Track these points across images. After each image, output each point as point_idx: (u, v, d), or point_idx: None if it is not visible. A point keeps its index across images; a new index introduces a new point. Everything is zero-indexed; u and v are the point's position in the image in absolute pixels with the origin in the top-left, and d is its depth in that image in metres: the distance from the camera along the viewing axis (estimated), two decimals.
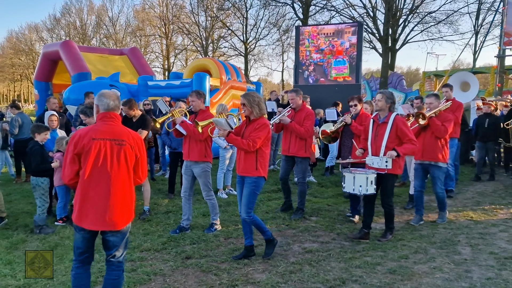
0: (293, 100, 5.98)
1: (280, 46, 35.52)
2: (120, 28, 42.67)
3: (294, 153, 6.01)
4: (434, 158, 5.61)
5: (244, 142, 4.27)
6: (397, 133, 4.84)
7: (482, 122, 9.00)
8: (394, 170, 4.86)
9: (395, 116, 4.89)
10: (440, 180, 5.71)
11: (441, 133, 5.53)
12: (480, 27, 25.13)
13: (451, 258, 4.49)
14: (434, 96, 5.78)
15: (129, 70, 16.94)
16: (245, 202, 4.35)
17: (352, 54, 11.25)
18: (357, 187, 4.83)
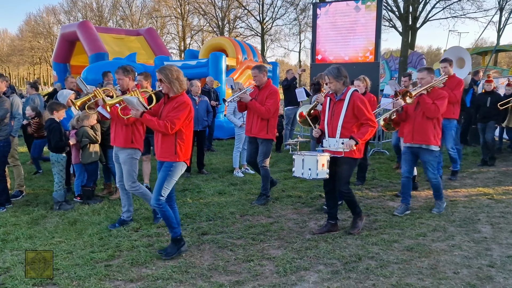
0: (256, 77, 5.52)
1: (297, 25, 35.14)
2: (136, 9, 42.71)
3: (256, 134, 5.56)
4: (425, 140, 5.02)
5: (161, 124, 3.75)
6: (354, 111, 4.29)
7: (484, 101, 8.23)
8: (351, 154, 4.31)
9: (352, 92, 4.33)
10: (432, 165, 5.12)
11: (432, 112, 4.92)
12: (505, 3, 24.20)
13: (471, 236, 4.41)
14: (426, 70, 5.12)
15: (145, 51, 16.94)
16: (157, 187, 3.84)
17: (371, 32, 10.97)
18: (306, 171, 4.35)
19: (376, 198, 5.91)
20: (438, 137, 5.06)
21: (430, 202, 5.66)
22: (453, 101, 6.41)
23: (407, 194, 5.25)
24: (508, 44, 23.39)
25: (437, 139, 5.03)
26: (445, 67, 6.54)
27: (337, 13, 11.31)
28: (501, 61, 33.87)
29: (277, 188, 6.37)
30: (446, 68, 6.52)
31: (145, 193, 4.70)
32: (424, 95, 4.97)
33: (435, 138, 5.02)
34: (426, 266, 3.68)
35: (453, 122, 6.65)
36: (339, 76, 4.30)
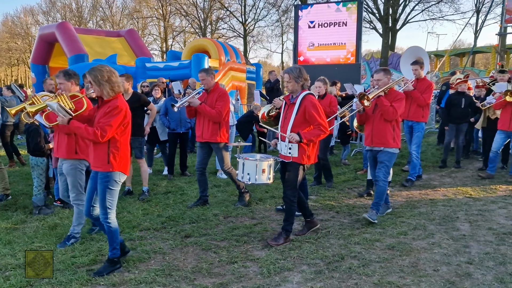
0: (204, 80, 5.34)
1: (279, 27, 35.28)
2: (116, 10, 42.17)
3: (208, 138, 5.37)
4: (384, 143, 4.85)
5: (90, 131, 3.39)
6: (305, 115, 4.09)
7: (458, 102, 7.98)
8: (299, 159, 4.13)
9: (304, 96, 4.13)
10: (386, 166, 4.89)
11: (390, 114, 4.76)
12: (482, 6, 24.82)
13: (450, 234, 4.51)
14: (383, 72, 4.93)
15: (126, 52, 16.78)
16: (101, 202, 3.55)
17: (352, 34, 11.10)
18: (245, 175, 4.32)
19: (358, 198, 5.98)
20: (398, 139, 4.90)
21: (410, 201, 5.77)
22: (422, 104, 6.46)
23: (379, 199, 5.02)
24: (485, 45, 24.01)
25: (396, 141, 4.88)
26: (415, 70, 6.49)
27: (318, 15, 11.42)
28: (478, 62, 34.66)
29: (261, 189, 6.39)
30: (417, 71, 6.50)
31: (81, 213, 4.23)
32: (382, 97, 4.84)
33: (395, 140, 4.87)
34: (407, 264, 3.75)
35: (421, 125, 6.61)
36: (299, 77, 4.14)
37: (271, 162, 4.31)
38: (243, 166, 4.37)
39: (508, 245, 4.18)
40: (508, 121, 6.82)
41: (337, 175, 7.25)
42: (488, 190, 6.32)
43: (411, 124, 6.67)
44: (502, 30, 11.87)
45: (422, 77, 6.54)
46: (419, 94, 6.44)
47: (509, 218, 5.01)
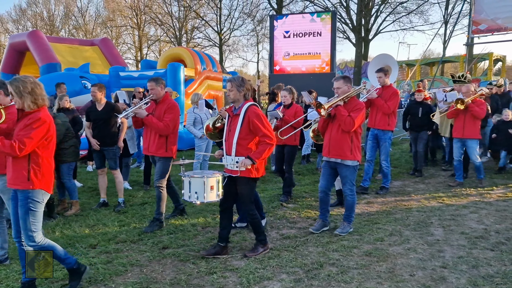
0: (153, 90, 5.01)
1: (254, 36, 35.52)
2: (90, 18, 41.51)
3: (153, 152, 5.03)
4: (340, 155, 4.62)
5: (6, 144, 3.10)
6: (250, 127, 3.96)
7: (416, 111, 8.07)
8: (248, 173, 4.00)
9: (248, 107, 3.98)
10: (350, 180, 4.73)
11: (347, 125, 4.51)
12: (449, 17, 25.71)
13: (425, 239, 4.61)
14: (342, 79, 4.69)
15: (100, 61, 16.55)
16: (23, 226, 3.23)
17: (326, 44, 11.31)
18: (192, 194, 4.00)
19: (335, 205, 6.04)
20: (356, 151, 4.66)
21: (385, 207, 5.87)
22: (387, 112, 6.37)
23: (325, 210, 4.92)
24: (453, 55, 24.81)
25: (355, 154, 4.64)
26: (380, 77, 6.42)
27: (293, 25, 11.58)
28: (447, 71, 35.78)
29: None
30: (381, 78, 6.42)
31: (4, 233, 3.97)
32: (340, 107, 4.59)
33: (353, 152, 4.63)
34: (384, 270, 3.81)
35: (388, 134, 6.51)
36: (242, 86, 4.01)
37: (219, 178, 4.04)
38: (189, 185, 4.03)
39: (480, 249, 4.30)
40: (461, 129, 6.90)
41: (314, 183, 7.31)
42: (460, 196, 6.50)
43: (376, 133, 6.60)
44: (469, 40, 12.33)
45: (387, 85, 6.48)
46: (383, 102, 6.37)
47: (480, 222, 5.17)
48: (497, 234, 4.75)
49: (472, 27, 11.90)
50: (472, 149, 6.92)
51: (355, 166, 4.71)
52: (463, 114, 6.86)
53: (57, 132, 5.50)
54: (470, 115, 6.77)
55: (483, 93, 7.31)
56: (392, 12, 27.35)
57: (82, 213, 5.76)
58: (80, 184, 7.40)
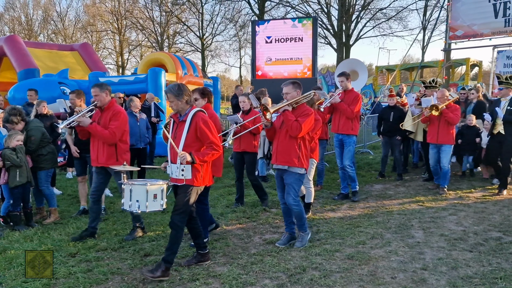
0: (97, 96, 4.75)
1: (237, 41, 35.59)
2: (69, 23, 41.00)
3: (103, 163, 4.76)
4: (287, 161, 4.41)
5: None
6: (196, 133, 3.80)
7: (388, 116, 8.19)
8: (191, 181, 3.80)
9: (194, 113, 3.83)
10: (294, 189, 4.48)
11: (294, 130, 4.30)
12: (428, 23, 26.32)
13: (406, 241, 4.67)
14: (291, 84, 4.50)
15: (80, 66, 16.27)
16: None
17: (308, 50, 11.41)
18: (133, 203, 3.79)
19: (318, 209, 6.08)
20: (305, 159, 4.46)
21: (367, 211, 5.93)
22: (351, 117, 6.30)
23: (289, 222, 4.71)
24: (432, 60, 25.37)
25: (302, 161, 4.42)
26: (342, 81, 6.36)
27: (275, 30, 11.66)
28: (426, 76, 36.50)
29: (221, 203, 6.36)
30: (343, 83, 6.35)
31: None
32: (287, 112, 4.39)
33: (300, 160, 4.41)
34: (366, 273, 3.84)
35: (352, 138, 6.44)
36: (180, 94, 3.81)
37: (163, 186, 3.87)
38: (130, 193, 3.81)
39: (459, 250, 4.39)
40: (435, 134, 6.92)
41: None
42: (438, 198, 6.62)
43: (341, 138, 6.52)
44: (446, 46, 12.62)
45: (350, 89, 6.42)
46: (346, 106, 6.29)
47: (459, 224, 5.27)
48: (475, 235, 4.85)
49: (449, 33, 12.18)
50: (445, 154, 6.91)
51: (301, 174, 4.49)
52: (437, 120, 6.88)
53: (32, 138, 5.44)
54: (444, 120, 6.79)
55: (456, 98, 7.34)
56: (372, 18, 27.86)
57: (62, 221, 5.64)
58: (59, 192, 7.25)
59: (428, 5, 26.24)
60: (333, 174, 8.56)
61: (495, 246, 4.48)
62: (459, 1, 11.73)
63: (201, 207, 4.44)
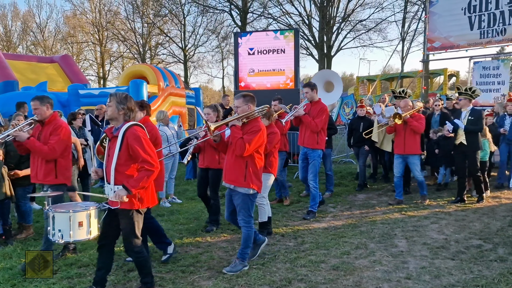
0: (37, 110, 4.45)
1: (219, 53, 35.61)
2: (49, 34, 40.37)
3: (41, 180, 4.46)
4: (234, 180, 4.16)
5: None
6: (129, 151, 3.43)
7: (357, 127, 8.22)
8: (130, 204, 3.45)
9: (127, 128, 3.45)
10: (244, 210, 4.19)
11: (237, 148, 4.01)
12: (406, 34, 26.89)
13: (389, 251, 4.72)
14: (242, 98, 4.20)
15: (61, 78, 16.11)
16: None
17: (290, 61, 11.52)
18: (56, 233, 3.38)
19: (303, 220, 6.09)
20: (254, 178, 4.13)
21: (351, 221, 5.97)
22: (315, 130, 5.97)
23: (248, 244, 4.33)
24: (411, 71, 25.90)
25: (249, 181, 4.10)
26: (307, 92, 6.04)
27: (257, 42, 11.75)
28: (406, 86, 37.26)
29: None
30: (308, 94, 6.03)
31: None
32: (234, 128, 4.09)
33: (247, 179, 4.09)
34: (351, 283, 3.86)
35: (317, 152, 6.09)
36: (123, 103, 3.49)
37: (91, 212, 3.45)
38: (53, 221, 3.40)
39: (441, 259, 4.45)
40: (402, 145, 6.80)
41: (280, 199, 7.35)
42: (420, 207, 6.72)
43: (306, 151, 6.19)
44: (424, 57, 12.93)
45: (316, 100, 6.08)
46: (310, 119, 5.96)
47: (440, 233, 5.35)
48: (457, 243, 4.93)
49: (427, 44, 12.49)
50: (414, 165, 6.84)
51: (250, 195, 4.17)
52: (403, 130, 6.78)
53: (11, 153, 5.31)
54: (410, 130, 6.71)
55: (420, 107, 7.31)
56: (352, 29, 28.31)
57: (41, 238, 5.50)
58: (39, 207, 7.09)
59: (406, 17, 26.87)
60: None
61: (476, 254, 4.56)
62: (435, 13, 12.07)
63: (147, 221, 4.17)
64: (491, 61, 11.73)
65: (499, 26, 10.81)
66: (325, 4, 25.48)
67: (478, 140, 6.82)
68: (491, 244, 4.88)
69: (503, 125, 8.09)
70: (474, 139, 6.74)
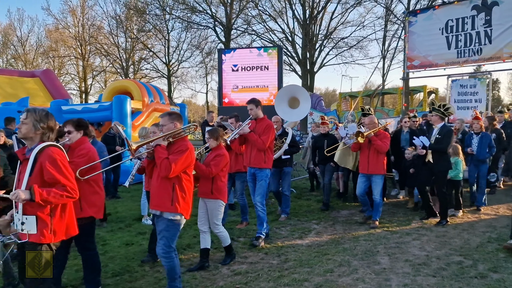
0: None
1: (203, 68, 35.80)
2: (30, 48, 39.97)
3: None
4: (159, 205, 3.79)
5: None
6: (42, 176, 2.96)
7: (321, 144, 7.94)
8: (37, 237, 2.94)
9: (40, 149, 2.98)
10: (166, 238, 3.81)
11: (162, 169, 3.67)
12: (387, 52, 27.49)
13: (372, 268, 4.74)
14: (168, 116, 3.92)
15: (42, 93, 15.88)
16: None
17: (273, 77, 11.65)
18: None
19: (286, 237, 6.08)
20: (182, 202, 3.79)
21: (334, 237, 5.99)
22: (262, 148, 5.59)
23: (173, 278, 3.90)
24: (392, 87, 26.41)
25: (177, 205, 3.75)
26: (251, 109, 5.65)
27: (241, 59, 11.86)
28: (387, 102, 37.99)
29: (188, 234, 6.24)
30: (252, 110, 5.64)
31: None
32: (158, 148, 3.77)
33: (174, 203, 3.74)
34: None
35: (265, 172, 5.71)
36: (42, 121, 3.05)
37: None
38: None
39: (423, 276, 4.49)
40: (366, 163, 6.58)
41: None
42: (402, 223, 6.78)
43: (253, 171, 5.79)
44: (405, 75, 13.24)
45: (261, 117, 5.72)
46: (256, 137, 5.56)
47: (422, 249, 5.41)
48: (438, 260, 4.99)
49: (407, 62, 12.80)
50: (376, 185, 6.55)
51: (176, 221, 3.81)
52: (367, 148, 6.57)
53: None
54: (374, 149, 6.48)
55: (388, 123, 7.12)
56: (334, 46, 28.88)
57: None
58: None
59: (386, 35, 27.54)
60: (300, 200, 8.61)
61: (456, 270, 4.62)
62: (414, 33, 12.42)
63: (88, 253, 3.99)
64: (468, 80, 12.08)
65: (475, 46, 11.18)
66: (307, 22, 25.96)
67: (446, 159, 6.60)
68: (471, 261, 4.94)
69: (470, 144, 7.68)
70: (440, 158, 6.54)
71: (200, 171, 4.60)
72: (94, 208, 3.98)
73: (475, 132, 7.77)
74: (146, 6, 30.73)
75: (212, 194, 4.72)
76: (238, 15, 28.52)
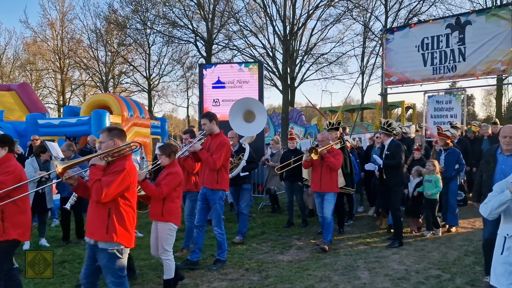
0: None
1: (184, 82, 35.71)
2: (7, 61, 39.18)
3: None
4: (93, 234, 3.41)
5: None
6: None
7: (288, 160, 7.41)
8: None
9: None
10: (111, 271, 3.40)
11: (93, 193, 3.27)
12: (365, 68, 28.15)
13: (352, 283, 4.75)
14: (107, 132, 3.55)
15: (18, 107, 15.54)
16: None
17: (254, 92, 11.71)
18: None
19: (267, 252, 6.05)
20: (118, 230, 3.34)
21: (315, 252, 5.98)
22: (214, 168, 5.15)
23: None
24: (371, 102, 26.99)
25: (113, 234, 3.32)
26: (204, 124, 5.27)
27: (222, 74, 11.90)
28: (367, 116, 38.61)
29: None
30: (206, 125, 5.25)
31: None
32: (93, 168, 3.37)
33: (110, 231, 3.32)
34: None
35: (218, 194, 5.30)
36: None
37: None
38: None
39: None
40: (318, 181, 6.26)
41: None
42: (382, 237, 6.84)
43: (205, 192, 5.39)
44: (383, 91, 13.50)
45: (215, 133, 5.32)
46: (207, 155, 5.16)
47: (401, 263, 5.45)
48: (417, 274, 5.04)
49: (385, 79, 13.07)
50: (328, 203, 6.21)
51: (116, 252, 3.36)
52: (319, 166, 6.26)
53: None
54: (326, 166, 6.18)
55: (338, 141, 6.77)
56: (314, 62, 29.31)
57: None
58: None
59: (365, 52, 28.19)
60: (281, 215, 8.60)
61: (435, 284, 4.67)
62: (392, 50, 12.72)
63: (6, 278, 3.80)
64: (444, 95, 12.39)
65: (450, 63, 11.50)
66: (288, 38, 26.30)
67: (400, 175, 6.39)
68: (449, 274, 5.01)
69: (438, 161, 7.11)
70: (394, 174, 6.35)
71: (149, 191, 4.28)
72: (19, 230, 3.67)
73: (444, 149, 7.31)
74: (126, 20, 30.60)
75: (163, 216, 4.39)
76: (219, 31, 28.69)
